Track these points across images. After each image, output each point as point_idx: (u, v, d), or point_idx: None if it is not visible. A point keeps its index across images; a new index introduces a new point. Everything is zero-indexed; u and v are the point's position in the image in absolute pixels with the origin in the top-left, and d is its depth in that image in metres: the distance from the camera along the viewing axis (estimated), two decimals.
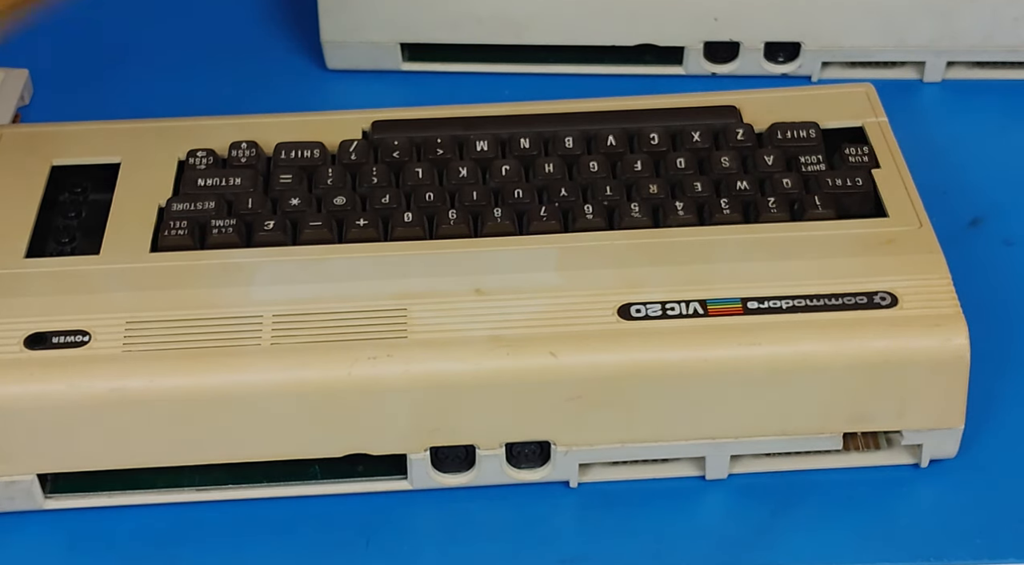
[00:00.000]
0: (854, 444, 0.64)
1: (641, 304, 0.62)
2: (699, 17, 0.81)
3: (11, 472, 0.61)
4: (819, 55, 0.82)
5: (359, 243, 0.65)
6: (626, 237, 0.65)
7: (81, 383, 0.60)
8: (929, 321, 0.61)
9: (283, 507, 0.63)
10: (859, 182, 0.67)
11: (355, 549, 0.62)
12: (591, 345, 0.60)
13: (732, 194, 0.67)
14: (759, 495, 0.63)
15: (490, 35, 0.82)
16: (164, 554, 0.61)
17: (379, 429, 0.61)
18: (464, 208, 0.66)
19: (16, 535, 0.62)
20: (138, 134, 0.71)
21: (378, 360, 0.60)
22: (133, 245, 0.65)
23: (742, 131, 0.70)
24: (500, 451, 0.62)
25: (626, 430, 0.62)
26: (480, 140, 0.69)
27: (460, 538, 0.62)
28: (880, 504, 0.63)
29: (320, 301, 0.62)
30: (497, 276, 0.63)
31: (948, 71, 0.83)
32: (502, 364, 0.60)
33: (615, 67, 0.84)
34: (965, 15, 0.80)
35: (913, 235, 0.64)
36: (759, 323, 0.61)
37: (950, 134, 0.80)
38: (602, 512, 0.63)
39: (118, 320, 0.61)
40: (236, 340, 0.61)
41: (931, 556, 0.61)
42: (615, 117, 0.71)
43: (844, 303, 0.62)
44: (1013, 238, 0.74)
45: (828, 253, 0.64)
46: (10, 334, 0.61)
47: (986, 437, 0.65)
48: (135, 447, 0.61)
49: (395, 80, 0.84)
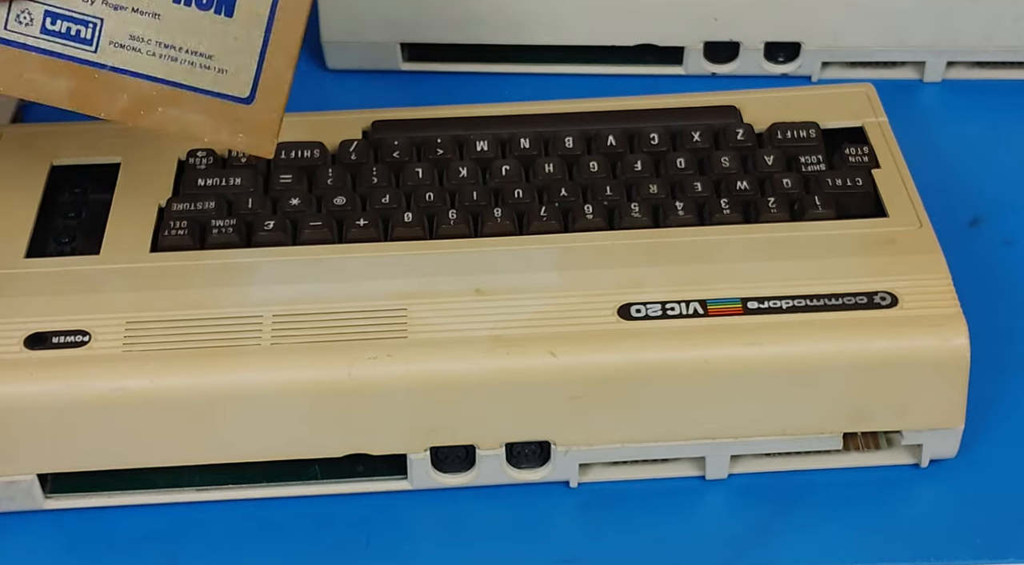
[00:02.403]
0: (854, 444, 0.64)
1: (641, 304, 0.62)
2: (699, 17, 0.81)
3: (11, 472, 0.61)
4: (819, 55, 0.82)
5: (359, 243, 0.65)
6: (626, 237, 0.65)
7: (81, 383, 0.60)
8: (929, 321, 0.61)
9: (283, 507, 0.63)
10: (859, 182, 0.67)
11: (355, 549, 0.62)
12: (591, 345, 0.60)
13: (732, 194, 0.67)
14: (759, 495, 0.63)
15: (490, 35, 0.82)
16: (164, 554, 0.61)
17: (379, 429, 0.61)
18: (464, 208, 0.66)
19: (16, 535, 0.62)
20: (138, 134, 0.71)
21: (378, 360, 0.60)
22: (133, 245, 0.65)
23: (742, 131, 0.70)
24: (500, 451, 0.62)
25: (626, 430, 0.62)
26: (480, 140, 0.69)
27: (460, 538, 0.62)
28: (880, 504, 0.63)
29: (320, 301, 0.62)
30: (497, 276, 0.63)
31: (948, 71, 0.83)
32: (502, 364, 0.60)
33: (615, 67, 0.84)
34: (965, 15, 0.80)
35: (913, 235, 0.64)
36: (759, 323, 0.61)
37: (950, 134, 0.80)
38: (602, 512, 0.63)
39: (118, 320, 0.61)
40: (236, 340, 0.61)
41: (931, 556, 0.61)
42: (615, 117, 0.71)
43: (844, 303, 0.62)
44: (1013, 238, 0.74)
45: (828, 253, 0.64)
46: (10, 334, 0.61)
47: (986, 437, 0.65)
48: (135, 447, 0.61)
49: (395, 80, 0.84)
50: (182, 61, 0.56)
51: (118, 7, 0.55)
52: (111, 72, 0.55)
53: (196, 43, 0.56)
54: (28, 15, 0.54)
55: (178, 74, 0.56)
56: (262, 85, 0.57)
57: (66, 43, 0.54)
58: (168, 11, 0.56)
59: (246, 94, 0.57)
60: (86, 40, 0.54)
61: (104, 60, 0.55)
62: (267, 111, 0.58)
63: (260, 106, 0.57)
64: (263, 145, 0.58)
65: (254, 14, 0.57)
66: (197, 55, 0.56)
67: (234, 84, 0.57)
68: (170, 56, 0.56)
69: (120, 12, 0.55)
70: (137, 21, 0.55)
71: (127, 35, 0.55)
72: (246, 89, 0.57)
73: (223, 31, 0.56)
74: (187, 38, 0.56)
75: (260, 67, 0.57)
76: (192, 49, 0.56)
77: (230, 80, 0.57)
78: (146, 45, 0.55)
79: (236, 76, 0.57)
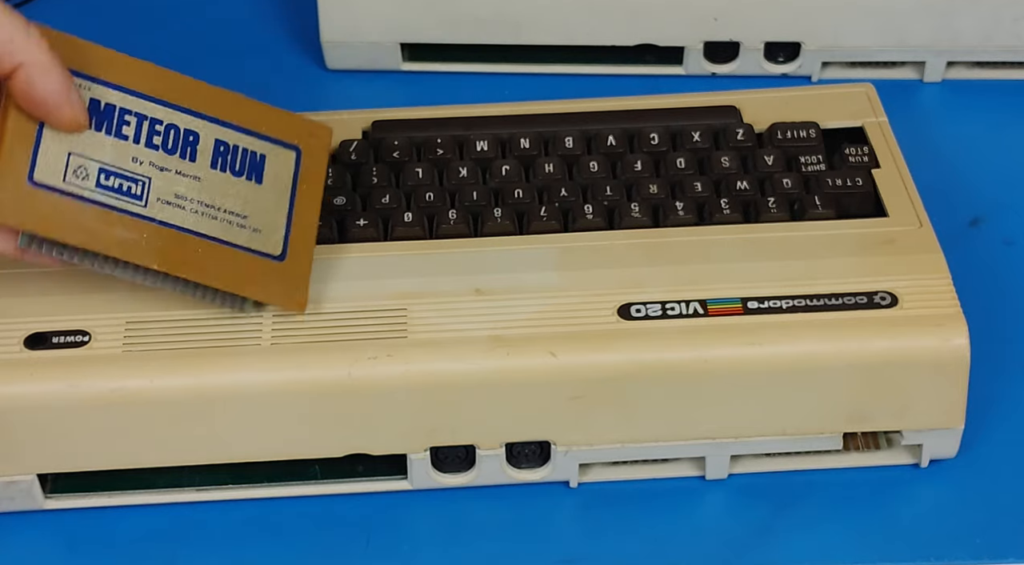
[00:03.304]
0: (854, 444, 0.64)
1: (641, 304, 0.62)
2: (699, 17, 0.81)
3: (11, 472, 0.61)
4: (819, 55, 0.82)
5: (359, 243, 0.65)
6: (626, 237, 0.65)
7: (81, 383, 0.60)
8: (929, 321, 0.61)
9: (283, 507, 0.63)
10: (859, 182, 0.67)
11: (355, 549, 0.62)
12: (591, 345, 0.60)
13: (732, 194, 0.67)
14: (759, 495, 0.63)
15: (490, 35, 0.82)
16: (164, 554, 0.61)
17: (379, 429, 0.61)
18: (464, 208, 0.66)
19: (16, 535, 0.62)
20: None
21: (378, 360, 0.60)
22: None
23: (742, 131, 0.70)
24: (500, 451, 0.62)
25: (626, 430, 0.62)
26: (480, 140, 0.69)
27: (460, 538, 0.62)
28: (880, 504, 0.63)
29: (320, 301, 0.62)
30: (497, 276, 0.63)
31: (948, 71, 0.83)
32: (502, 364, 0.60)
33: (615, 67, 0.84)
34: (965, 15, 0.80)
35: (913, 235, 0.64)
36: (759, 323, 0.61)
37: (950, 134, 0.80)
38: (602, 512, 0.63)
39: (118, 320, 0.61)
40: (236, 340, 0.61)
41: (931, 556, 0.61)
42: (615, 117, 0.71)
43: (844, 303, 0.62)
44: (1013, 238, 0.74)
45: (828, 253, 0.64)
46: (10, 334, 0.61)
47: (986, 437, 0.65)
48: (135, 447, 0.61)
49: (395, 80, 0.84)
50: (221, 219, 0.60)
51: (163, 168, 0.60)
52: (160, 226, 0.59)
53: (232, 204, 0.61)
54: (84, 171, 0.58)
55: (218, 231, 0.60)
56: (292, 244, 0.62)
57: (119, 198, 0.59)
58: (207, 175, 0.61)
59: (278, 252, 0.61)
60: (137, 196, 0.59)
61: (153, 214, 0.59)
62: (297, 267, 0.62)
63: (291, 263, 0.62)
64: (295, 298, 0.61)
65: (280, 182, 0.62)
66: (234, 215, 0.61)
67: (267, 243, 0.61)
68: (210, 215, 0.60)
69: (165, 173, 0.60)
70: (180, 182, 0.60)
71: (173, 193, 0.60)
72: (278, 248, 0.61)
73: (255, 196, 0.61)
74: (224, 199, 0.61)
75: (288, 228, 0.62)
76: (229, 209, 0.61)
77: (264, 239, 0.61)
78: (189, 203, 0.60)
79: (269, 236, 0.61)
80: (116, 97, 0.59)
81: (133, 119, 0.59)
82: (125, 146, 0.59)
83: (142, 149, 0.59)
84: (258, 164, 0.62)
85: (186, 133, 0.61)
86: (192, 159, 0.60)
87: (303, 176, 0.63)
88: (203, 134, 0.61)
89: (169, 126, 0.60)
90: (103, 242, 0.58)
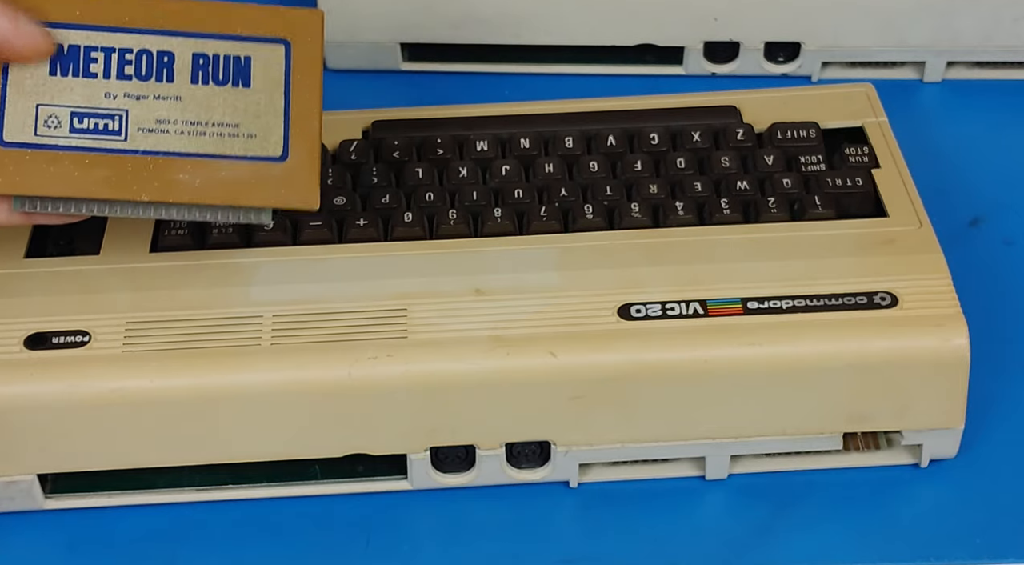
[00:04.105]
0: (854, 444, 0.64)
1: (641, 304, 0.62)
2: (699, 17, 0.81)
3: (11, 472, 0.61)
4: (819, 55, 0.82)
5: (359, 243, 0.65)
6: (626, 237, 0.65)
7: (81, 383, 0.60)
8: (929, 321, 0.61)
9: (283, 507, 0.63)
10: (859, 182, 0.67)
11: (355, 549, 0.62)
12: (591, 345, 0.60)
13: (732, 194, 0.67)
14: (759, 495, 0.63)
15: (490, 35, 0.82)
16: (164, 554, 0.61)
17: (379, 429, 0.61)
18: (464, 208, 0.66)
19: (16, 535, 0.62)
20: None
21: (378, 360, 0.60)
22: (133, 245, 0.65)
23: (742, 131, 0.70)
24: (500, 451, 0.62)
25: (626, 430, 0.62)
26: (480, 140, 0.69)
27: (460, 538, 0.62)
28: (880, 504, 0.63)
29: (320, 301, 0.62)
30: (497, 276, 0.63)
31: (948, 71, 0.83)
32: (502, 364, 0.60)
33: (615, 67, 0.84)
34: (965, 15, 0.80)
35: (913, 235, 0.64)
36: (759, 323, 0.61)
37: (950, 134, 0.80)
38: (602, 512, 0.63)
39: (118, 320, 0.61)
40: (236, 340, 0.61)
41: (931, 556, 0.61)
42: (615, 117, 0.71)
43: (844, 303, 0.62)
44: (1013, 238, 0.74)
45: (828, 253, 0.64)
46: (10, 334, 0.61)
47: (986, 437, 0.65)
48: (135, 447, 0.61)
49: (395, 80, 0.84)
50: (211, 134, 0.59)
51: (140, 97, 0.58)
52: (143, 156, 0.58)
53: (220, 115, 0.59)
54: (55, 119, 0.57)
55: (209, 146, 0.59)
56: (293, 141, 0.60)
57: (96, 137, 0.58)
58: (188, 92, 0.59)
59: (279, 153, 0.60)
60: (115, 132, 0.58)
61: (135, 146, 0.58)
62: (303, 163, 0.60)
63: (295, 161, 0.60)
64: (307, 197, 0.60)
65: (271, 80, 0.60)
66: (224, 126, 0.59)
67: (265, 146, 0.60)
68: (198, 132, 0.59)
69: (142, 101, 0.59)
70: (160, 106, 0.59)
71: (154, 120, 0.59)
72: (278, 148, 0.60)
73: (244, 100, 0.60)
74: (211, 113, 0.59)
75: (287, 125, 0.60)
76: (217, 121, 0.59)
77: (261, 143, 0.60)
78: (173, 125, 0.59)
79: (266, 139, 0.60)
80: (79, 36, 0.58)
81: (100, 55, 0.58)
82: (95, 84, 0.58)
83: (113, 83, 0.58)
84: (243, 68, 0.60)
85: (159, 55, 0.59)
86: (170, 80, 0.59)
87: (295, 68, 0.61)
88: (178, 52, 0.59)
89: (140, 53, 0.59)
90: (86, 186, 0.57)
